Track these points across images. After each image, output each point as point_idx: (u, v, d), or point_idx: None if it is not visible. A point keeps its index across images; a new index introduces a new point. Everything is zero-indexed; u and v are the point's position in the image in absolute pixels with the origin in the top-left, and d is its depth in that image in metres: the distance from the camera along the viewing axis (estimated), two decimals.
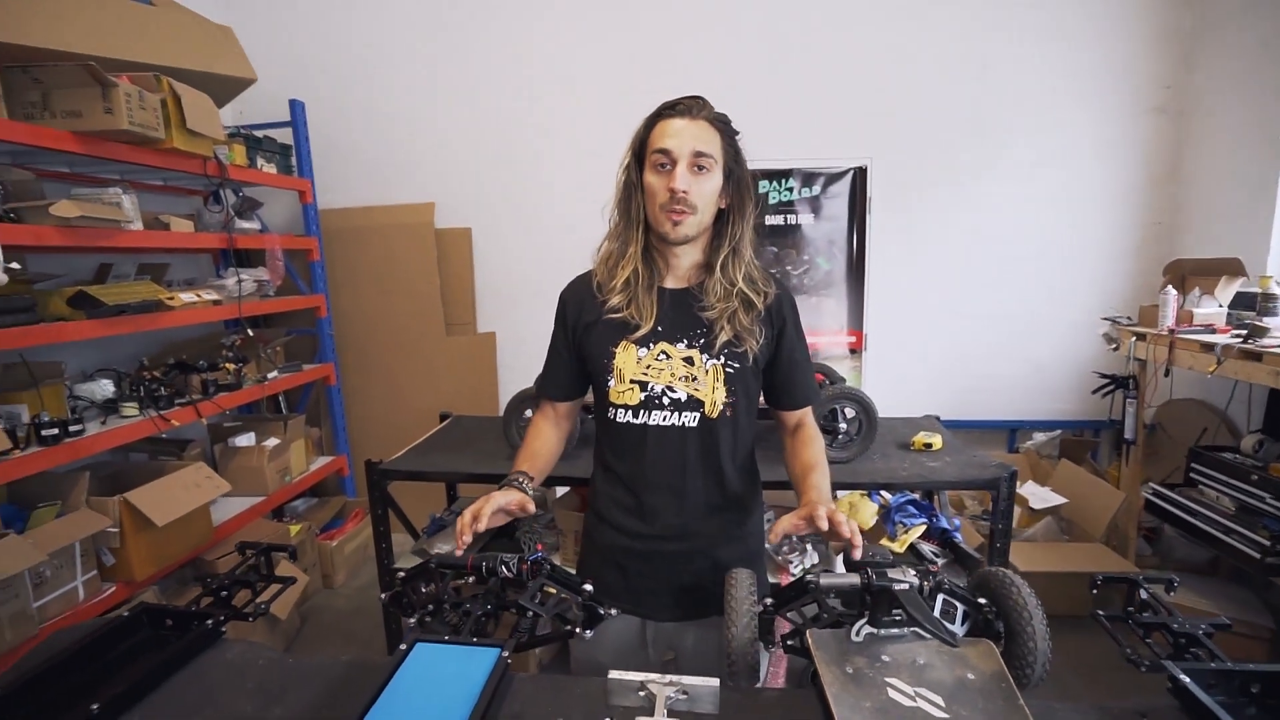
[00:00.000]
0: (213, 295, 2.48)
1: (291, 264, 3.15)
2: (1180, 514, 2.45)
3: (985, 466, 1.80)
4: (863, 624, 0.87)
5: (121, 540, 2.02)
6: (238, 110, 3.25)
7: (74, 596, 1.93)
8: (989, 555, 1.81)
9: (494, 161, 3.40)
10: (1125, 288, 3.23)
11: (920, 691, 0.77)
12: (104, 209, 2.00)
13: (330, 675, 0.91)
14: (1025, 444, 3.37)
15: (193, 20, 2.42)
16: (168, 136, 2.13)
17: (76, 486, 2.00)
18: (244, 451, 2.73)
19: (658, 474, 1.16)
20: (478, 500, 1.08)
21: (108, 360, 2.44)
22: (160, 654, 0.92)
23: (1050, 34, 3.08)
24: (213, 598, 1.10)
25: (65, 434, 1.92)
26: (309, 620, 2.74)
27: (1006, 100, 3.16)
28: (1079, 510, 2.83)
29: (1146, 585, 0.98)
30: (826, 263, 3.37)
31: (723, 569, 1.14)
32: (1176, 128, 3.10)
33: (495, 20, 3.28)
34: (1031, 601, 0.89)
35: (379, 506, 1.94)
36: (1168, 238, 3.18)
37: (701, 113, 1.09)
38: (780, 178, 3.29)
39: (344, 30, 3.33)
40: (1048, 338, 3.32)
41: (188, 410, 2.30)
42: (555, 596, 1.03)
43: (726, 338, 1.12)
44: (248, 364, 2.71)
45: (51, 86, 1.88)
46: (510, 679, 0.87)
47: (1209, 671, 0.79)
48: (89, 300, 1.95)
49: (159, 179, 2.74)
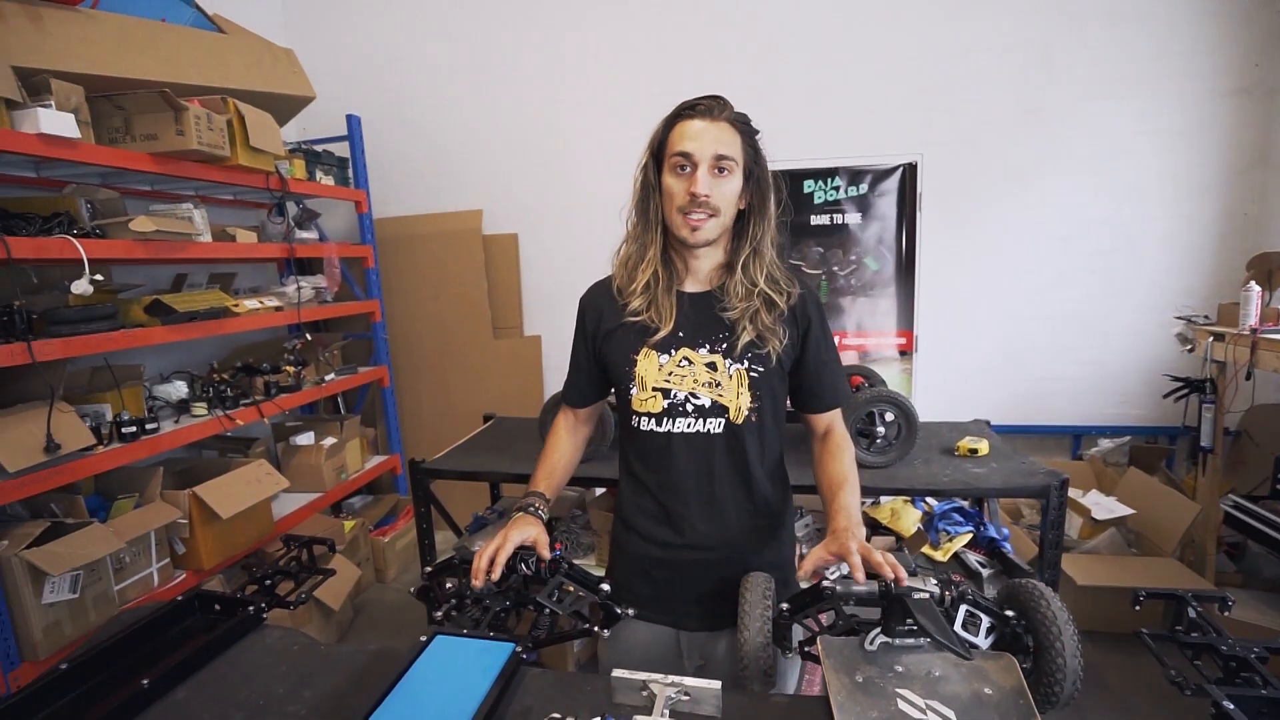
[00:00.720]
0: (274, 302, 2.64)
1: (348, 271, 3.31)
2: (1265, 529, 2.25)
3: (1034, 473, 1.71)
4: (876, 633, 0.85)
5: (191, 531, 2.18)
6: (301, 127, 3.45)
7: (149, 581, 2.09)
8: (1039, 567, 1.72)
9: (538, 169, 3.48)
10: (1201, 285, 3.00)
11: (932, 704, 0.75)
12: (177, 223, 2.16)
13: (356, 662, 0.96)
14: (1090, 451, 3.17)
15: (258, 44, 2.59)
16: (233, 154, 2.28)
17: (152, 480, 2.17)
18: (304, 450, 2.89)
19: (685, 483, 1.14)
20: (496, 538, 1.08)
21: (182, 363, 2.64)
22: (207, 636, 0.99)
23: (1117, 15, 2.90)
24: (258, 585, 1.17)
25: (143, 431, 2.08)
26: (362, 612, 2.87)
27: (1069, 90, 2.99)
28: (1149, 522, 2.64)
29: (1195, 603, 0.91)
30: (875, 263, 3.28)
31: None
32: (1265, 109, 2.86)
33: (535, 33, 3.36)
34: (1062, 616, 0.85)
35: (422, 504, 2.02)
36: (1254, 229, 2.93)
37: (722, 114, 1.08)
38: (825, 176, 3.23)
39: (396, 48, 3.49)
40: (1114, 338, 3.11)
41: (251, 410, 2.45)
42: (573, 595, 1.04)
43: (749, 338, 1.10)
44: (307, 367, 2.86)
45: (132, 112, 2.05)
46: (523, 674, 0.89)
47: (1257, 699, 0.73)
48: (163, 308, 2.11)
49: (228, 194, 2.94)
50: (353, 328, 3.51)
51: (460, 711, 0.77)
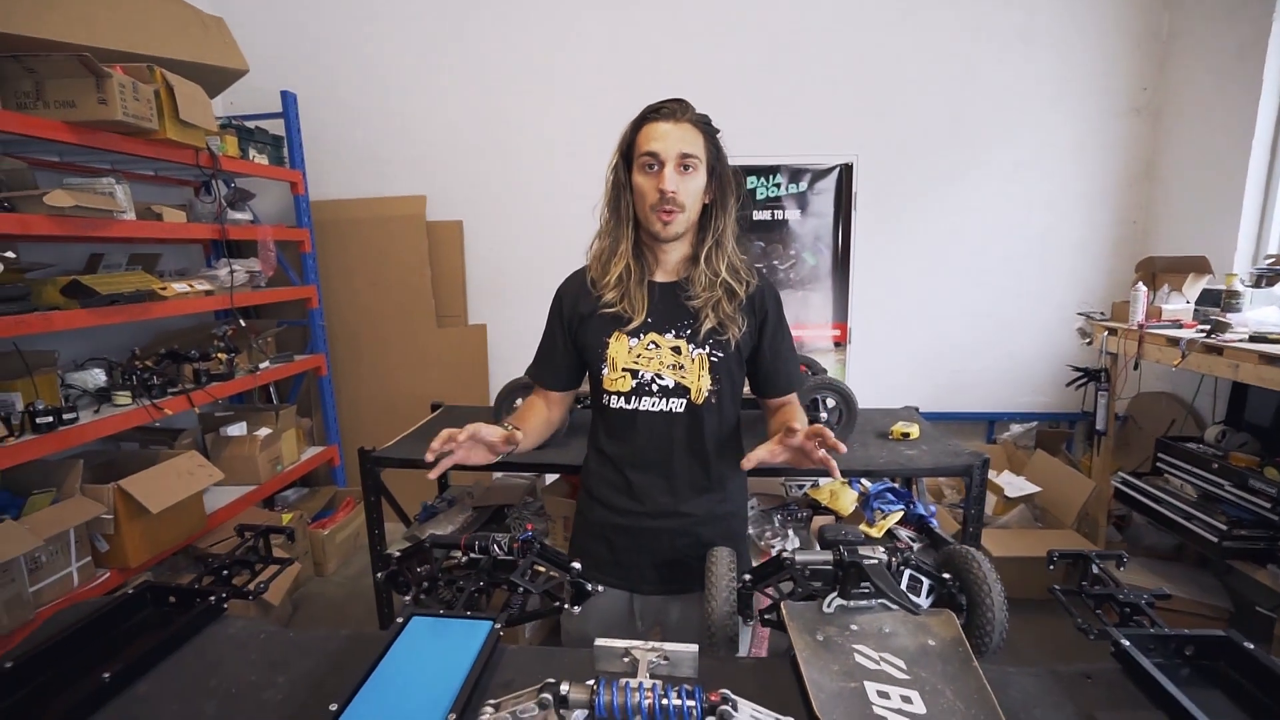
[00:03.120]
0: (205, 286, 2.50)
1: (283, 255, 3.16)
2: (1147, 502, 2.54)
3: (959, 455, 1.87)
4: (834, 596, 0.94)
5: (116, 527, 2.05)
6: (229, 101, 3.25)
7: (69, 582, 1.96)
8: (961, 540, 1.89)
9: (485, 155, 3.43)
10: (1100, 284, 3.33)
11: (885, 656, 0.84)
12: (97, 199, 2.01)
13: (330, 647, 0.96)
14: (1003, 435, 3.47)
15: (185, 10, 2.42)
16: (161, 127, 2.14)
17: (71, 474, 2.03)
18: (236, 441, 2.75)
19: (647, 456, 1.23)
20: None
21: (97, 349, 2.46)
22: (166, 629, 0.97)
23: (1030, 37, 3.15)
24: (214, 577, 1.14)
25: (60, 422, 1.94)
26: (301, 607, 2.78)
27: (988, 102, 3.23)
28: (1052, 499, 2.93)
29: (1098, 561, 1.05)
30: (812, 258, 3.43)
31: (705, 546, 1.20)
32: (1152, 129, 3.19)
33: (487, 14, 3.29)
34: (991, 576, 0.96)
35: (372, 494, 1.98)
36: (1141, 236, 3.27)
37: (685, 115, 1.15)
38: (768, 173, 3.34)
39: (336, 22, 3.34)
40: (1025, 333, 3.41)
41: (180, 400, 2.32)
42: (545, 574, 1.08)
43: (711, 325, 1.18)
44: (239, 354, 2.73)
45: (45, 77, 1.89)
46: (502, 649, 0.92)
47: (1148, 636, 0.86)
48: (83, 290, 1.97)
49: (150, 169, 2.75)
50: (288, 314, 3.36)
51: (445, 688, 0.79)
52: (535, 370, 1.34)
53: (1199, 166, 2.95)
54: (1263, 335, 2.07)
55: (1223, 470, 2.26)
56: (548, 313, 1.31)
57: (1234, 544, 2.13)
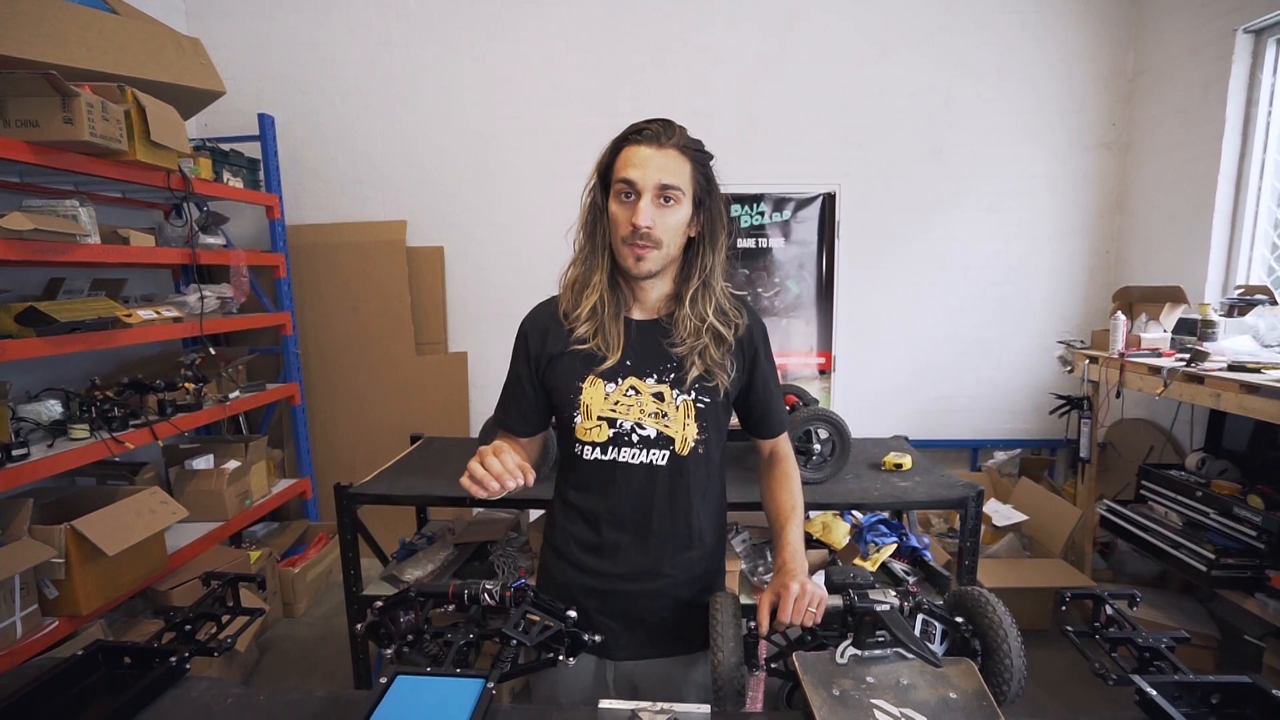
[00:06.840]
0: (173, 312, 2.40)
1: (257, 281, 3.07)
2: (1133, 529, 2.55)
3: (954, 486, 1.85)
4: (847, 645, 0.89)
5: (67, 571, 1.91)
6: (203, 123, 3.18)
7: (11, 634, 1.81)
8: (958, 573, 1.86)
9: (468, 181, 3.39)
10: (1078, 313, 3.39)
11: (906, 712, 0.79)
12: (59, 221, 1.92)
13: (304, 711, 0.88)
14: (987, 463, 3.48)
15: (160, 31, 2.36)
16: (130, 149, 2.06)
17: (19, 515, 1.89)
18: (202, 475, 2.62)
19: (622, 512, 1.11)
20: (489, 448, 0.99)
21: (54, 379, 2.32)
22: (119, 696, 0.87)
23: (1005, 73, 3.25)
24: (175, 632, 1.05)
25: (9, 459, 1.82)
26: (269, 651, 2.62)
27: (967, 134, 3.31)
28: (1039, 527, 2.92)
29: (1111, 601, 1.02)
30: (796, 286, 3.44)
31: (683, 608, 1.13)
32: (1121, 163, 3.29)
33: (468, 39, 3.29)
34: (1007, 620, 0.92)
35: (348, 532, 1.88)
36: (1114, 265, 3.36)
37: (671, 140, 1.02)
38: (752, 202, 3.36)
39: (315, 45, 3.30)
40: (1007, 360, 3.45)
41: (143, 432, 2.20)
42: (539, 624, 1.01)
43: (697, 373, 1.08)
44: (208, 384, 2.61)
45: (7, 94, 1.81)
46: (495, 710, 0.85)
47: (1173, 684, 0.83)
48: (40, 317, 1.86)
49: (117, 191, 2.65)
50: (260, 341, 3.25)
51: None
52: (501, 415, 1.19)
53: (1168, 199, 3.04)
54: (1241, 364, 2.10)
55: (1207, 498, 2.27)
56: (512, 349, 1.17)
57: (1222, 573, 2.13)
